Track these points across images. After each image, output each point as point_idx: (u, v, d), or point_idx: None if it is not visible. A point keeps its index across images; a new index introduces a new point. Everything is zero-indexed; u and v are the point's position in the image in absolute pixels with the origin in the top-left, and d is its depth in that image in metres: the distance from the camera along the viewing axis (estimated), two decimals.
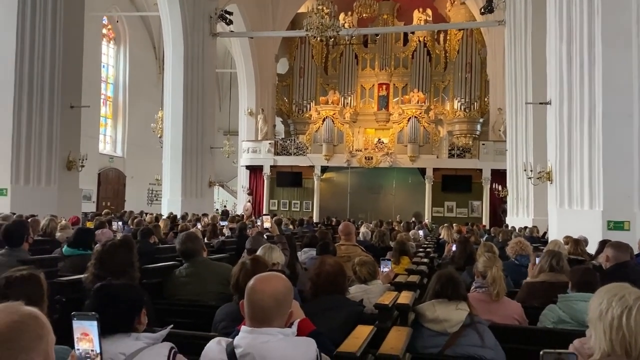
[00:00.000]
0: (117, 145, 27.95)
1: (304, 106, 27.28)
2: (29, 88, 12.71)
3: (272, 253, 4.15)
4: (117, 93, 28.20)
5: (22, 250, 4.54)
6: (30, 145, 12.65)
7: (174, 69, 19.32)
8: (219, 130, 26.89)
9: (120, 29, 28.06)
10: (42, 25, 12.92)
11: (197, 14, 19.68)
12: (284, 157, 24.60)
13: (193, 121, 19.54)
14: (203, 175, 19.85)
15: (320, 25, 14.75)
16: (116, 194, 26.59)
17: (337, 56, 27.38)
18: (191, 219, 12.94)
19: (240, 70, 25.93)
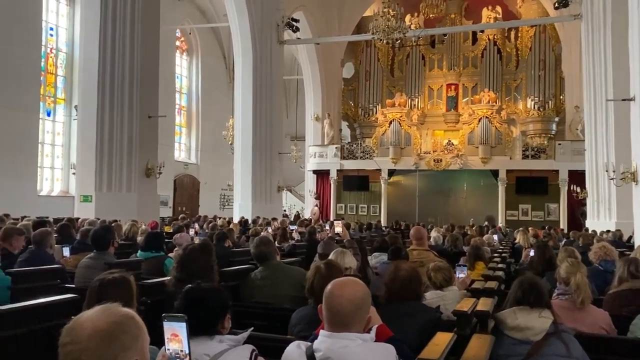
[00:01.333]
0: (191, 153, 29.07)
1: (370, 109, 27.21)
2: (110, 101, 13.49)
3: (344, 258, 4.16)
4: (191, 102, 29.35)
5: (109, 254, 4.80)
6: (112, 154, 13.41)
7: (244, 78, 19.86)
8: (286, 135, 27.34)
9: (193, 41, 29.20)
10: (121, 40, 13.68)
11: (265, 23, 20.13)
12: (350, 161, 24.60)
13: (262, 128, 20.00)
14: (272, 180, 20.25)
15: (386, 28, 14.68)
16: (191, 199, 27.62)
17: (403, 58, 27.13)
18: (262, 223, 13.22)
19: (307, 76, 26.24)
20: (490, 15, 25.47)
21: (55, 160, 21.27)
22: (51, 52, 21.25)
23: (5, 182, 17.40)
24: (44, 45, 20.56)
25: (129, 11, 13.76)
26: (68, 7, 21.80)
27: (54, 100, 21.38)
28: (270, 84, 20.36)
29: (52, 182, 21.11)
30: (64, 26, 21.71)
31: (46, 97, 20.87)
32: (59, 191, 21.06)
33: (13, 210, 15.00)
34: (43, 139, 20.50)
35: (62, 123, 21.45)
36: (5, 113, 17.21)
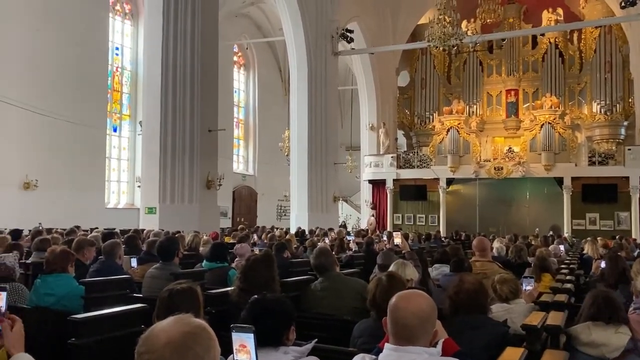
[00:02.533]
0: (249, 165, 29.67)
1: (426, 118, 26.87)
2: (173, 116, 14.00)
3: (405, 269, 4.10)
4: (248, 115, 30.01)
5: (174, 265, 4.96)
6: (175, 167, 13.89)
7: (299, 90, 20.12)
8: (341, 146, 27.40)
9: (249, 55, 29.91)
10: (182, 58, 14.20)
11: (320, 36, 20.35)
12: (407, 171, 24.31)
13: (317, 138, 20.15)
14: (328, 191, 20.33)
15: (442, 35, 14.46)
16: (249, 210, 28.13)
17: (460, 65, 26.66)
18: (319, 234, 13.27)
19: (361, 86, 26.25)
20: (551, 18, 24.65)
21: (122, 174, 22.25)
22: (117, 71, 22.33)
23: (76, 195, 18.38)
24: (110, 64, 21.66)
25: (189, 29, 14.27)
26: (132, 27, 22.87)
27: (119, 116, 22.42)
28: (325, 95, 20.52)
29: (119, 194, 22.08)
30: (128, 45, 22.78)
31: (112, 113, 21.92)
32: (125, 203, 21.99)
33: (83, 221, 15.80)
34: (110, 153, 21.54)
35: (128, 138, 22.44)
36: (75, 130, 18.23)
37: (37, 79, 17.38)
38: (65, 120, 17.46)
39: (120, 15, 22.42)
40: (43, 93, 17.31)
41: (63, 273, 4.05)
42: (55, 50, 18.10)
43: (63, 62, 18.38)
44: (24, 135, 16.90)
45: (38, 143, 17.33)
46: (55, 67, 18.09)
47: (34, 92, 16.91)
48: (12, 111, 15.72)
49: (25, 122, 16.58)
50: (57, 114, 17.11)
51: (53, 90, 17.80)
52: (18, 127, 16.60)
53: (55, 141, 17.80)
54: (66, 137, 18.09)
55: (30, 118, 16.40)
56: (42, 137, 17.37)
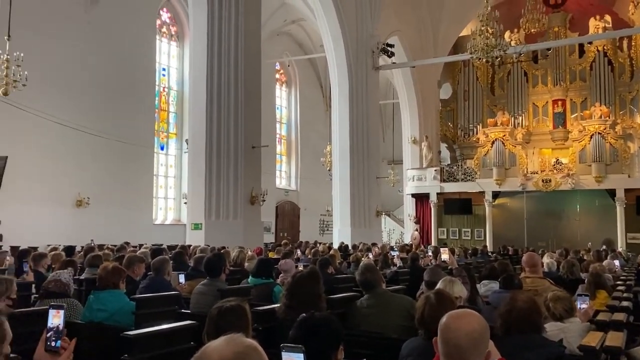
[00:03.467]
0: (291, 180, 29.92)
1: (470, 130, 26.44)
2: (217, 134, 14.28)
3: (454, 286, 4.02)
4: (290, 131, 30.34)
5: (221, 281, 5.02)
6: (220, 184, 14.13)
7: (340, 105, 20.19)
8: (383, 160, 27.26)
9: (291, 72, 30.32)
10: (226, 77, 14.51)
11: (360, 51, 20.42)
12: (451, 184, 23.92)
13: (359, 153, 20.13)
14: (370, 205, 20.21)
15: (485, 47, 14.24)
16: (292, 225, 28.29)
17: (504, 76, 26.18)
18: (362, 249, 13.18)
19: (403, 99, 26.12)
20: (598, 25, 23.94)
21: (168, 191, 22.84)
22: (164, 91, 23.05)
23: (125, 212, 18.97)
24: (158, 84, 22.39)
25: (233, 49, 14.60)
26: (178, 48, 23.61)
27: (166, 135, 23.09)
28: (366, 110, 20.52)
29: (166, 211, 22.65)
30: (174, 66, 23.51)
31: (160, 132, 22.59)
32: (171, 219, 22.52)
33: (132, 237, 16.25)
34: (157, 171, 22.16)
35: (174, 156, 23.06)
36: (125, 149, 18.87)
37: (89, 100, 18.14)
38: (115, 140, 18.10)
39: (167, 37, 23.19)
40: (95, 114, 18.04)
41: (115, 289, 4.16)
42: (105, 73, 18.87)
43: (113, 84, 19.13)
44: (77, 155, 17.61)
45: (90, 162, 18.03)
46: (106, 89, 18.85)
47: (86, 114, 17.64)
48: (66, 132, 16.44)
49: (79, 143, 17.29)
50: (108, 134, 17.77)
51: (104, 111, 18.53)
52: (72, 148, 17.32)
53: (106, 160, 18.48)
54: (116, 156, 18.75)
55: (83, 138, 17.09)
56: (94, 156, 18.07)
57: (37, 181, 16.29)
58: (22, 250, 7.56)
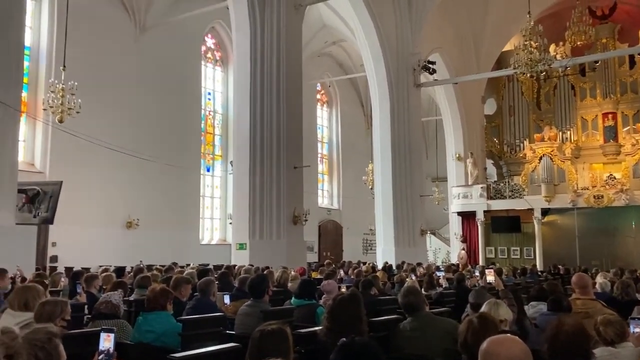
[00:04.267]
0: (333, 199, 29.97)
1: (516, 146, 25.88)
2: (261, 155, 14.54)
3: (499, 309, 3.93)
4: (332, 150, 30.50)
5: (264, 302, 5.08)
6: (263, 204, 14.33)
7: (381, 123, 20.18)
8: (427, 177, 26.98)
9: (332, 92, 30.60)
10: (268, 99, 14.80)
11: (401, 69, 20.42)
12: (498, 201, 23.37)
13: (401, 171, 19.99)
14: (414, 224, 19.97)
15: (529, 61, 13.99)
16: (335, 244, 28.25)
17: (550, 90, 25.57)
18: (406, 269, 13.02)
19: (446, 116, 25.88)
20: None
21: (214, 211, 23.30)
22: (209, 114, 23.68)
23: (173, 233, 19.45)
24: (203, 108, 23.04)
25: (275, 72, 14.90)
26: (223, 73, 24.27)
27: (212, 157, 23.65)
28: (408, 127, 20.41)
29: (212, 231, 23.09)
30: (219, 90, 24.17)
31: (206, 154, 23.17)
32: (217, 239, 22.93)
33: (179, 257, 16.61)
34: (204, 192, 22.68)
35: (220, 177, 23.57)
36: (173, 171, 19.42)
37: (139, 126, 18.85)
38: (164, 163, 18.68)
39: (212, 63, 23.89)
40: (144, 138, 18.71)
41: (162, 311, 4.28)
42: (154, 99, 19.60)
43: (162, 109, 19.84)
44: (128, 178, 18.27)
45: (140, 185, 18.65)
46: (155, 114, 19.56)
47: (136, 138, 18.31)
48: (117, 157, 17.09)
49: (129, 166, 17.93)
50: (157, 158, 18.36)
51: (153, 136, 19.20)
52: (122, 171, 17.98)
53: (155, 182, 19.08)
54: (165, 178, 19.33)
55: (133, 162, 17.71)
56: (144, 179, 18.69)
57: (89, 204, 16.97)
58: (75, 272, 7.87)
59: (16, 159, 8.99)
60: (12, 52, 8.81)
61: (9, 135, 8.58)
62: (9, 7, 8.68)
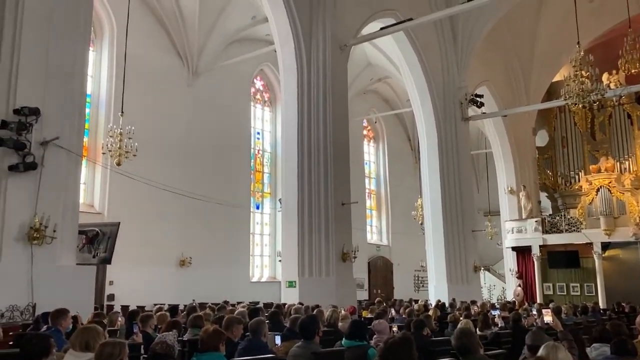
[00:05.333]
0: (382, 235, 29.68)
1: (571, 177, 25.02)
2: (309, 192, 14.67)
3: (557, 353, 3.76)
4: (379, 186, 30.40)
5: (315, 343, 5.06)
6: (312, 241, 14.36)
7: (429, 157, 20.04)
8: (478, 211, 26.36)
9: (378, 128, 30.73)
10: (315, 136, 15.02)
11: (448, 103, 20.36)
12: (554, 236, 22.51)
13: (452, 205, 19.67)
14: (467, 260, 19.48)
15: (580, 92, 13.67)
16: (385, 281, 27.81)
17: (605, 119, 24.75)
18: (460, 307, 12.66)
19: (496, 149, 25.44)
20: None
21: (264, 249, 23.52)
22: (258, 153, 24.21)
23: (224, 270, 19.73)
24: (253, 147, 23.59)
25: (321, 111, 15.17)
26: (271, 112, 24.89)
27: (261, 194, 24.03)
28: (457, 161, 20.18)
29: (262, 268, 23.25)
30: (268, 130, 24.74)
31: (255, 192, 23.58)
32: (267, 277, 23.05)
33: (230, 295, 16.81)
34: (253, 229, 22.99)
35: (269, 214, 23.86)
36: (223, 209, 19.83)
37: (192, 166, 19.48)
38: (215, 202, 19.12)
39: (260, 103, 24.57)
40: (197, 178, 19.29)
41: (215, 352, 4.34)
42: (206, 140, 20.27)
43: (213, 150, 20.47)
44: (181, 218, 18.78)
45: (192, 224, 19.12)
46: (207, 155, 20.19)
47: (189, 179, 18.90)
48: (171, 197, 17.64)
49: (182, 206, 18.45)
50: (209, 197, 18.83)
51: (205, 176, 19.77)
52: (176, 211, 18.52)
53: (206, 221, 19.52)
54: (216, 216, 19.75)
55: (186, 202, 18.23)
56: (196, 218, 19.16)
57: (145, 243, 17.49)
58: (131, 312, 8.09)
59: (78, 202, 9.45)
60: (76, 101, 9.37)
61: (71, 179, 9.05)
62: (73, 58, 9.29)
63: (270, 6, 14.98)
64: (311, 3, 15.25)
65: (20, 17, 8.38)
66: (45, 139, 8.44)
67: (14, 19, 8.33)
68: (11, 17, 8.32)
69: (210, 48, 20.49)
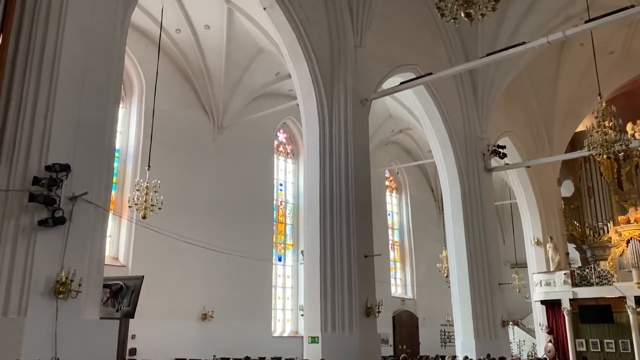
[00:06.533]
0: (407, 288, 29.11)
1: (599, 229, 24.44)
2: (331, 244, 14.57)
3: None
4: (403, 237, 30.08)
5: None
6: (335, 295, 14.13)
7: (453, 208, 19.86)
8: (505, 263, 25.84)
9: (401, 179, 30.74)
10: (337, 188, 15.07)
11: (470, 154, 20.36)
12: (584, 289, 21.75)
13: (477, 257, 19.31)
14: (494, 314, 18.91)
15: (604, 142, 13.59)
16: (410, 336, 27.07)
17: (631, 169, 24.38)
18: None
19: (521, 200, 25.13)
20: None
21: (286, 302, 23.23)
22: (281, 205, 24.35)
23: (246, 324, 19.51)
24: (275, 199, 23.76)
25: (343, 162, 15.29)
26: (294, 164, 25.19)
27: (284, 246, 23.98)
28: (481, 212, 19.95)
29: (284, 322, 22.89)
30: (290, 181, 24.97)
31: (277, 244, 23.55)
32: (289, 331, 22.66)
33: (252, 350, 16.56)
34: (275, 282, 22.80)
35: (291, 267, 23.71)
36: (246, 262, 19.82)
37: (216, 219, 19.64)
38: (237, 255, 19.14)
39: (283, 155, 24.93)
40: (220, 231, 19.41)
41: None
42: (230, 193, 20.53)
43: (237, 202, 20.69)
44: (204, 271, 18.80)
45: (215, 277, 19.10)
46: (231, 208, 20.39)
47: (212, 232, 19.03)
48: (194, 250, 17.75)
49: (205, 259, 18.51)
50: (232, 250, 18.89)
51: (228, 228, 19.89)
52: (199, 264, 18.56)
53: (229, 274, 19.49)
54: (238, 269, 19.73)
55: (209, 255, 18.30)
56: (219, 271, 19.16)
57: (167, 297, 17.48)
58: None
59: (103, 256, 9.55)
60: (105, 157, 9.64)
61: (97, 234, 9.19)
62: (104, 116, 9.63)
63: (293, 63, 15.44)
64: (332, 60, 15.69)
65: (55, 80, 8.78)
66: (74, 194, 8.65)
67: (49, 81, 8.73)
68: (47, 80, 8.72)
69: (235, 103, 21.07)
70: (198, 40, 19.10)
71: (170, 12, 17.56)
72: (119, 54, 9.97)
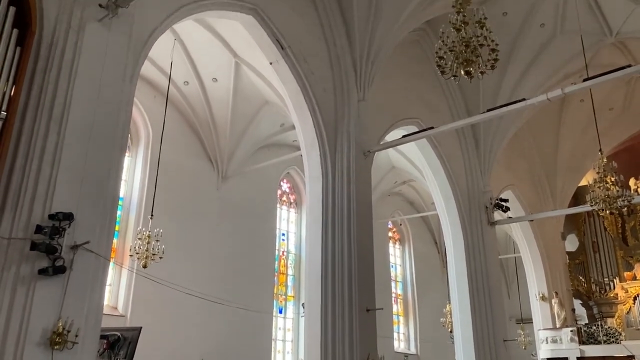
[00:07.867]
0: (410, 343, 28.43)
1: (605, 284, 24.08)
2: (332, 297, 14.34)
3: None
4: (406, 290, 29.63)
5: None
6: (335, 350, 13.79)
7: (456, 262, 19.66)
8: (510, 318, 25.30)
9: (404, 231, 30.59)
10: (340, 239, 14.97)
11: (473, 207, 20.34)
12: (592, 347, 21.22)
13: (481, 312, 18.94)
14: None
15: (607, 198, 13.61)
16: None
17: (636, 224, 24.27)
18: None
19: (525, 254, 24.90)
20: None
21: (286, 356, 22.67)
22: (283, 255, 24.17)
23: None
24: (277, 249, 23.60)
25: (345, 213, 15.26)
26: (296, 214, 25.19)
27: (284, 298, 23.63)
28: (484, 266, 19.73)
29: None
30: (293, 231, 24.88)
31: (278, 295, 23.22)
32: None
33: None
34: (275, 335, 22.34)
35: (292, 319, 23.27)
36: (244, 315, 19.49)
37: (216, 270, 19.45)
38: (236, 307, 18.85)
39: (286, 205, 24.96)
40: (220, 282, 19.17)
41: None
42: (232, 243, 20.42)
43: (239, 253, 20.55)
44: (202, 322, 18.44)
45: (213, 328, 18.72)
46: (232, 258, 20.21)
47: (213, 283, 18.80)
48: (192, 300, 17.49)
49: (204, 310, 18.18)
50: (231, 301, 18.61)
51: (228, 278, 19.65)
52: (197, 315, 18.23)
53: (228, 326, 19.11)
54: (238, 321, 19.36)
55: (208, 306, 18.01)
56: (217, 323, 18.79)
57: (164, 347, 17.10)
58: None
59: (102, 306, 9.43)
60: (108, 206, 9.68)
61: (97, 283, 9.11)
62: (109, 165, 9.73)
63: (297, 116, 15.71)
64: (336, 112, 15.96)
65: (64, 130, 8.96)
66: (75, 242, 8.65)
67: (57, 131, 8.91)
68: (55, 130, 8.90)
69: (240, 153, 21.30)
70: (205, 92, 19.52)
71: (180, 65, 18.05)
72: (127, 105, 10.19)
